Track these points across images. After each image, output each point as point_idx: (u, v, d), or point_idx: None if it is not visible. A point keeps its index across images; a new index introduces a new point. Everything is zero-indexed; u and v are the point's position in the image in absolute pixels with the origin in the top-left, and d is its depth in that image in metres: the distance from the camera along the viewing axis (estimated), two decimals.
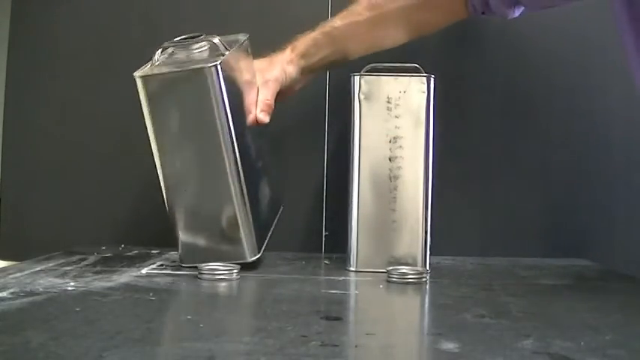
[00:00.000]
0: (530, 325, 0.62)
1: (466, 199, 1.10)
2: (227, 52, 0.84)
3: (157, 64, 0.83)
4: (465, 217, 1.09)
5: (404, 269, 0.84)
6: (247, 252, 0.85)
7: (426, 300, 0.80)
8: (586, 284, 0.89)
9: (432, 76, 0.89)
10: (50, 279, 0.76)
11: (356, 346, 0.57)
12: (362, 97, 0.89)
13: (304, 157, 1.10)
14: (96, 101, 1.11)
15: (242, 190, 0.83)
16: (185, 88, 0.81)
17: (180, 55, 0.85)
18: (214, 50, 0.84)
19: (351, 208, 0.90)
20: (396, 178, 0.89)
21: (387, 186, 0.89)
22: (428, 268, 0.89)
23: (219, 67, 0.80)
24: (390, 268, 0.84)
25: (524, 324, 0.62)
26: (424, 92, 0.89)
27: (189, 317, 0.67)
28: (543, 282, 0.88)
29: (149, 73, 0.81)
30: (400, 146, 0.89)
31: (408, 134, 0.89)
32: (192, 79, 0.81)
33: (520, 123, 1.11)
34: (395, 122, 0.88)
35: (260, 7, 1.11)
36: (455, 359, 0.51)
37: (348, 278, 0.86)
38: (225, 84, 0.81)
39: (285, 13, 1.11)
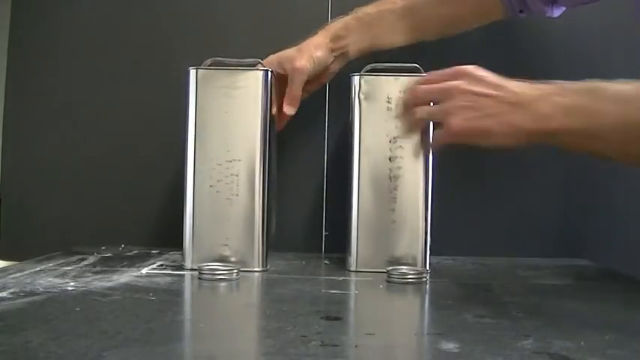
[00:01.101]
0: (530, 325, 0.62)
1: (466, 199, 1.10)
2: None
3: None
4: (465, 217, 1.09)
5: (404, 269, 0.84)
6: (258, 262, 0.87)
7: (426, 300, 0.80)
8: (586, 284, 0.89)
9: None
10: (50, 279, 0.76)
11: (356, 346, 0.57)
12: (362, 97, 0.89)
13: (304, 157, 1.10)
14: (96, 101, 1.11)
15: (265, 195, 0.87)
16: (236, 86, 0.87)
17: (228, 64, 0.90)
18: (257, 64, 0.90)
19: (351, 208, 0.89)
20: (396, 178, 0.89)
21: (387, 186, 0.89)
22: (428, 268, 0.88)
23: (269, 72, 0.88)
24: (390, 268, 0.84)
25: (524, 324, 0.62)
26: None
27: (189, 317, 0.67)
28: (543, 282, 0.88)
29: (203, 66, 0.88)
30: (400, 146, 0.89)
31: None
32: (245, 78, 0.87)
33: None
34: (395, 122, 0.88)
35: (260, 7, 1.11)
36: (455, 359, 0.51)
37: (348, 278, 0.86)
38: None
39: (285, 13, 1.11)
